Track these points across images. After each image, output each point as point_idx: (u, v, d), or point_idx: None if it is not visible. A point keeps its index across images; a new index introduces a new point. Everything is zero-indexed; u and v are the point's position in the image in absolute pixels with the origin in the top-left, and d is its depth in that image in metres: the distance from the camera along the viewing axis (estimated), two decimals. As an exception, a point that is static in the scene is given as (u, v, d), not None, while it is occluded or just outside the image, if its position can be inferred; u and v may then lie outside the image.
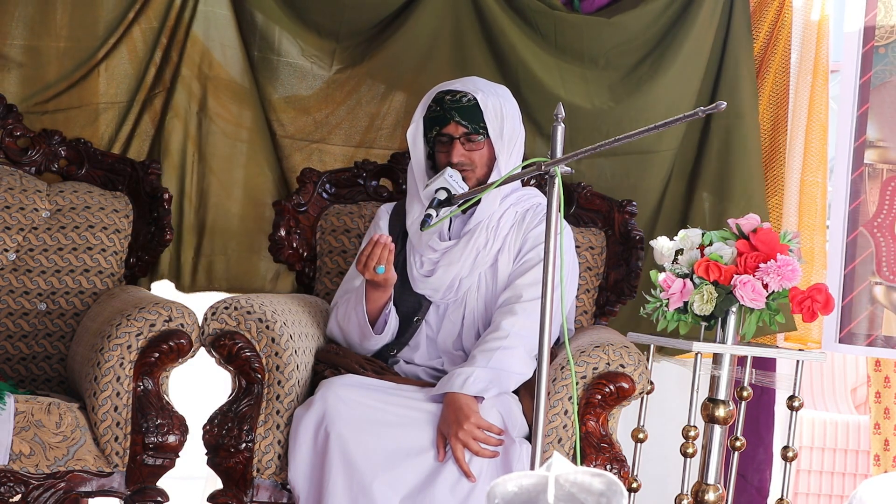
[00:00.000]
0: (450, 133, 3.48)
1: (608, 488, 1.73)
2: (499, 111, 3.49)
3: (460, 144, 3.48)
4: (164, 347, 3.27)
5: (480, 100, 3.47)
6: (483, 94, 3.48)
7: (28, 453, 3.20)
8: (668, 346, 3.51)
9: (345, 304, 3.50)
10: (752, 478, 4.26)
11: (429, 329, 3.54)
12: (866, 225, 4.11)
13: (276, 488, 3.32)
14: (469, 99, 3.47)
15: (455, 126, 3.47)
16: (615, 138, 2.94)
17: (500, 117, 3.48)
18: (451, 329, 3.52)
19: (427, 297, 3.53)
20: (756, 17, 4.26)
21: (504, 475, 1.85)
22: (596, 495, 1.73)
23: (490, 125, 3.47)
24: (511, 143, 3.51)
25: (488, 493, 1.77)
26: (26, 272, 3.75)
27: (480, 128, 3.47)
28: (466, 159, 3.48)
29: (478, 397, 3.23)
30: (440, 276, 3.50)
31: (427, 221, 3.24)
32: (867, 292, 4.10)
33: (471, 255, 3.50)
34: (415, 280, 3.53)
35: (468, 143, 3.48)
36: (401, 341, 3.53)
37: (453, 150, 3.47)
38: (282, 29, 4.15)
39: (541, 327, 2.84)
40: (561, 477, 1.74)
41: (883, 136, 4.13)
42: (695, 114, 2.79)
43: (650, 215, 4.20)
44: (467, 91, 3.48)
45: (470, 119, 3.46)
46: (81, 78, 4.03)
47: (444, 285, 3.50)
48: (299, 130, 4.17)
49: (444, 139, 3.49)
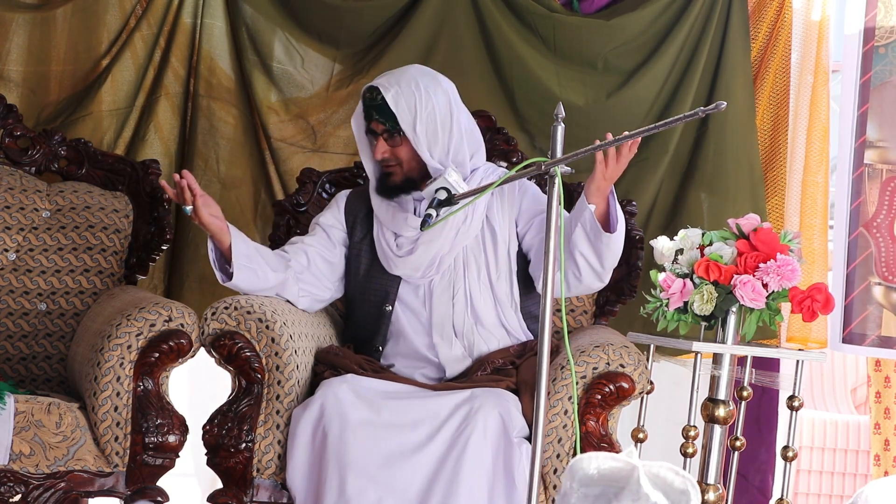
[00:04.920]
0: (375, 129, 3.49)
1: (690, 488, 1.73)
2: (412, 106, 3.45)
3: (384, 141, 3.49)
4: (164, 347, 3.27)
5: (389, 99, 3.44)
6: (395, 90, 3.45)
7: (28, 453, 3.20)
8: (668, 346, 3.51)
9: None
10: (753, 478, 4.26)
11: (409, 316, 3.53)
12: (866, 225, 4.11)
13: (276, 488, 3.31)
14: (381, 98, 3.47)
15: (376, 123, 3.49)
16: (615, 138, 2.94)
17: (414, 112, 3.45)
18: (442, 310, 3.51)
19: (405, 277, 3.52)
20: (755, 18, 4.26)
21: (586, 455, 1.83)
22: (678, 492, 1.73)
23: (402, 122, 3.45)
24: (435, 137, 3.47)
25: (567, 470, 1.76)
26: (26, 272, 3.75)
27: (396, 126, 3.47)
28: (389, 155, 3.49)
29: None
30: (420, 254, 3.49)
31: (427, 221, 3.24)
32: (867, 293, 4.10)
33: (451, 232, 3.49)
34: (390, 261, 3.52)
35: (390, 139, 3.49)
36: (377, 332, 3.53)
37: (377, 146, 3.49)
38: (283, 34, 4.16)
39: (541, 327, 2.84)
40: (645, 467, 1.73)
41: (882, 137, 4.13)
42: (695, 114, 2.79)
43: (644, 215, 4.20)
44: (381, 88, 3.47)
45: (386, 117, 3.47)
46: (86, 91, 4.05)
47: (423, 264, 3.49)
48: (296, 135, 4.17)
49: (370, 135, 3.52)
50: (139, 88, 4.10)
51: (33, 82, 4.05)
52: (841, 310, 4.09)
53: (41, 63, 4.05)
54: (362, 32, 4.20)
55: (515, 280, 3.55)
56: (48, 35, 4.04)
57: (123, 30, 4.09)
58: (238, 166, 4.17)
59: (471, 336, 3.49)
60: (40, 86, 4.06)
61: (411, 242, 3.50)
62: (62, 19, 4.05)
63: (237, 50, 4.15)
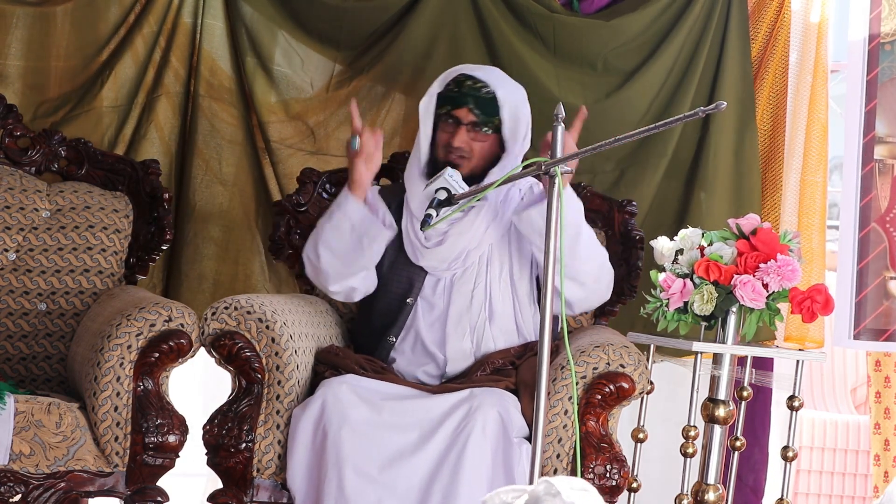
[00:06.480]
0: (459, 117, 3.49)
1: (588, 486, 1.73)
2: (514, 111, 3.50)
3: (465, 131, 3.48)
4: (164, 347, 3.27)
5: (500, 96, 3.48)
6: (504, 90, 3.50)
7: (28, 453, 3.20)
8: (668, 346, 3.51)
9: (328, 217, 3.51)
10: (747, 477, 4.26)
11: (427, 309, 3.53)
12: (878, 220, 4.13)
13: (276, 488, 3.32)
14: (489, 92, 3.48)
15: (467, 112, 3.48)
16: (615, 138, 2.94)
17: (516, 118, 3.49)
18: (460, 302, 3.51)
19: (430, 269, 3.53)
20: (755, 18, 4.26)
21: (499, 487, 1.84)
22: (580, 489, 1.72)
23: (506, 123, 3.49)
24: (521, 144, 3.53)
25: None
26: (26, 272, 3.75)
27: (491, 122, 3.48)
28: (466, 147, 3.49)
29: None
30: (450, 245, 3.50)
31: (427, 221, 3.25)
32: (881, 287, 4.11)
33: (481, 227, 3.51)
34: (417, 251, 3.53)
35: (473, 131, 3.49)
36: (393, 324, 3.53)
37: (458, 133, 3.48)
38: (282, 35, 4.16)
39: (541, 326, 2.84)
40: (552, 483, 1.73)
41: (891, 132, 4.15)
42: (695, 114, 2.79)
43: (644, 215, 4.20)
44: (489, 83, 3.49)
45: (483, 110, 3.48)
46: (86, 87, 4.05)
47: (452, 255, 3.51)
48: (294, 136, 4.17)
49: (451, 120, 3.50)
50: (140, 86, 4.10)
51: (33, 78, 4.05)
52: (851, 306, 4.11)
53: (41, 59, 4.05)
54: (362, 33, 4.20)
55: (534, 280, 3.57)
56: (48, 31, 4.04)
57: (122, 25, 4.09)
58: (239, 166, 4.17)
59: (481, 331, 3.50)
60: (40, 81, 4.05)
61: (440, 234, 3.52)
62: (62, 15, 4.05)
63: (237, 50, 4.16)
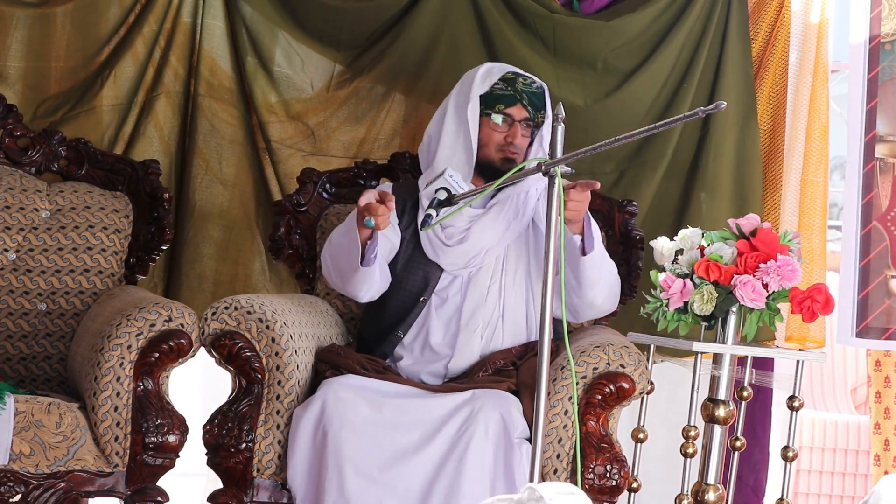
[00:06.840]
0: (513, 115, 3.50)
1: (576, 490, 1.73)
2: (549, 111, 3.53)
3: (519, 127, 3.50)
4: (164, 347, 3.27)
5: (547, 89, 3.52)
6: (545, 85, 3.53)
7: (28, 453, 3.20)
8: (668, 346, 3.51)
9: (338, 233, 3.50)
10: (747, 478, 4.26)
11: (439, 310, 3.53)
12: (879, 219, 4.13)
13: (276, 488, 3.32)
14: (538, 86, 3.51)
15: (521, 109, 3.49)
16: (615, 138, 2.94)
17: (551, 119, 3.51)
18: (475, 298, 3.52)
19: (449, 267, 3.53)
20: (754, 19, 4.26)
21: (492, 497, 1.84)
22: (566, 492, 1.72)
23: (546, 117, 3.51)
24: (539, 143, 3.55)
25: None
26: (26, 272, 3.75)
27: (540, 116, 3.49)
28: (522, 143, 3.50)
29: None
30: (472, 243, 3.51)
31: (427, 221, 3.25)
32: (883, 286, 4.12)
33: (502, 225, 3.52)
34: (437, 249, 3.53)
35: (526, 129, 3.51)
36: (404, 321, 3.53)
37: (513, 129, 3.48)
38: (282, 35, 4.16)
39: (541, 326, 2.84)
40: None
41: (892, 131, 4.16)
42: (695, 114, 2.79)
43: (644, 215, 4.20)
44: (535, 78, 3.52)
45: (535, 105, 3.49)
46: (86, 86, 4.05)
47: (472, 253, 3.51)
48: (294, 136, 4.17)
49: (502, 118, 3.51)
50: (139, 85, 4.10)
51: (33, 78, 4.05)
52: (854, 304, 4.11)
53: (41, 59, 4.05)
54: (362, 33, 4.20)
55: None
56: (48, 32, 4.04)
57: (122, 25, 4.09)
58: (239, 166, 4.16)
59: (493, 329, 3.50)
60: (40, 82, 4.05)
61: (461, 232, 3.52)
62: (62, 16, 4.05)
63: (237, 50, 4.16)
